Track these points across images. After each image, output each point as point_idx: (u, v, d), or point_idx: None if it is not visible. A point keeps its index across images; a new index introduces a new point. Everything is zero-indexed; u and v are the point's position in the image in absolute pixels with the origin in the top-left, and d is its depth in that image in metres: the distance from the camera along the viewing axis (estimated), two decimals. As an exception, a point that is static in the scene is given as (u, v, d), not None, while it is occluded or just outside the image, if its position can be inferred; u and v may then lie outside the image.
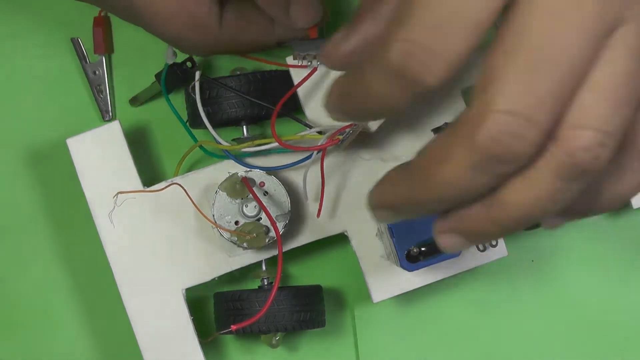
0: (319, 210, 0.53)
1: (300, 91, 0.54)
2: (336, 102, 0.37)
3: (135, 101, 0.58)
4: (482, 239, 0.38)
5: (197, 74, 0.53)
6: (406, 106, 0.35)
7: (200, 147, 0.54)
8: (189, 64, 0.54)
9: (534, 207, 0.35)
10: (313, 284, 0.55)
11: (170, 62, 0.53)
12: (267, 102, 0.54)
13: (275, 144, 0.53)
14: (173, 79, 0.54)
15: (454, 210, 0.37)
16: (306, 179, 0.52)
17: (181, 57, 0.55)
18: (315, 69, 0.52)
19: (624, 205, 0.56)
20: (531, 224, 0.36)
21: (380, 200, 0.38)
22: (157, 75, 0.55)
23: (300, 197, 0.54)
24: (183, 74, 0.54)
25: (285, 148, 0.51)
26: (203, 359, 0.53)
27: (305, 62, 0.52)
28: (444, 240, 0.38)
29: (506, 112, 0.33)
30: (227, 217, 0.52)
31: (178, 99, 0.56)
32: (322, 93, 0.54)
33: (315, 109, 0.54)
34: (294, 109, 0.55)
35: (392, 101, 0.35)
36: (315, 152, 0.52)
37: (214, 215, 0.52)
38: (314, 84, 0.54)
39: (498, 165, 0.34)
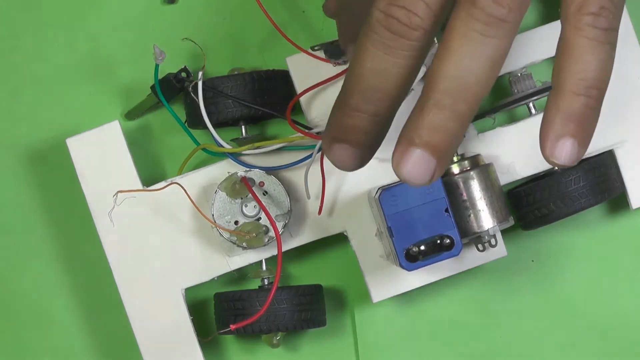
0: (320, 208, 0.53)
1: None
2: (350, 98, 0.42)
3: (130, 115, 0.58)
4: (447, 141, 0.37)
5: (200, 74, 0.53)
6: (414, 73, 0.40)
7: (204, 149, 0.54)
8: (183, 74, 0.54)
9: (461, 70, 0.37)
10: (313, 283, 0.55)
11: (160, 62, 0.52)
12: (266, 102, 0.54)
13: (276, 146, 0.53)
14: (169, 88, 0.54)
15: (402, 131, 0.38)
16: (307, 176, 0.52)
17: (176, 66, 0.55)
18: (327, 79, 0.52)
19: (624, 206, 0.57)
20: (468, 93, 0.37)
21: (330, 139, 0.40)
22: (153, 87, 0.55)
23: (299, 197, 0.54)
24: (179, 83, 0.54)
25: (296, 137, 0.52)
26: (202, 359, 0.53)
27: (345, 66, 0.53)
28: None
29: None
30: (226, 217, 0.52)
31: (176, 99, 0.56)
32: (323, 96, 0.54)
33: (315, 111, 0.54)
34: (292, 110, 0.55)
35: (395, 69, 0.39)
36: (315, 152, 0.52)
37: (213, 215, 0.52)
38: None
39: (395, 40, 0.37)
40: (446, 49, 0.37)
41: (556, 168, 0.54)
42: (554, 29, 0.54)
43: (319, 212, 0.53)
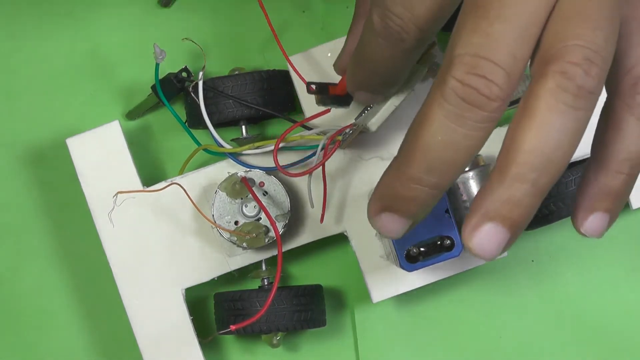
0: (322, 216, 0.53)
1: (302, 94, 0.54)
2: (352, 75, 0.45)
3: (131, 115, 0.58)
4: (524, 216, 0.36)
5: (201, 74, 0.53)
6: (400, 66, 0.42)
7: (205, 150, 0.54)
8: (184, 73, 0.54)
9: (549, 143, 0.35)
10: (313, 283, 0.55)
11: (160, 61, 0.52)
12: (266, 102, 0.54)
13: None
14: (170, 88, 0.54)
15: (477, 201, 0.36)
16: (310, 185, 0.52)
17: (176, 66, 0.55)
18: (328, 110, 0.51)
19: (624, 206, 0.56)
20: (553, 167, 0.35)
21: (379, 206, 0.38)
22: (153, 87, 0.55)
23: (300, 197, 0.54)
24: (180, 82, 0.54)
25: (286, 175, 0.51)
26: (202, 359, 0.53)
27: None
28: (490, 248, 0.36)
29: (470, 54, 0.35)
30: (226, 217, 0.52)
31: (176, 99, 0.56)
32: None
33: (315, 111, 0.54)
34: (292, 110, 0.55)
35: (387, 60, 0.41)
36: (318, 150, 0.52)
37: (213, 215, 0.52)
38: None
39: (471, 111, 0.35)
40: (531, 120, 0.35)
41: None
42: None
43: (321, 220, 0.53)
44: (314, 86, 0.49)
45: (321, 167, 0.51)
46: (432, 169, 0.36)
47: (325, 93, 0.49)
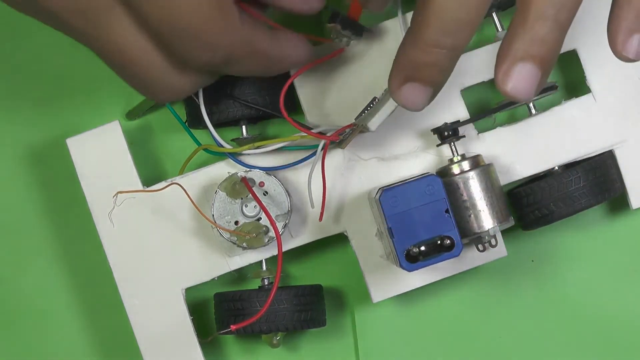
0: (321, 214, 0.53)
1: (302, 94, 0.54)
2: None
3: (131, 115, 0.58)
4: (552, 52, 0.37)
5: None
6: None
7: (205, 150, 0.54)
8: None
9: None
10: (313, 283, 0.55)
11: None
12: (266, 102, 0.54)
13: (276, 146, 0.53)
14: None
15: (504, 47, 0.37)
16: (310, 185, 0.52)
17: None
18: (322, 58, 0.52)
19: (623, 206, 0.56)
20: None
21: (401, 78, 0.39)
22: None
23: (300, 197, 0.54)
24: None
25: (305, 134, 0.51)
26: (202, 359, 0.53)
27: (337, 41, 0.52)
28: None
29: None
30: (226, 217, 0.52)
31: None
32: (323, 96, 0.54)
33: (315, 111, 0.54)
34: (293, 110, 0.55)
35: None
36: (319, 150, 0.52)
37: (213, 215, 0.52)
38: (314, 87, 0.54)
39: None
40: None
41: (556, 168, 0.54)
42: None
43: (320, 219, 0.53)
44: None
45: (320, 163, 0.51)
46: (448, 30, 0.37)
47: (339, 17, 0.50)
